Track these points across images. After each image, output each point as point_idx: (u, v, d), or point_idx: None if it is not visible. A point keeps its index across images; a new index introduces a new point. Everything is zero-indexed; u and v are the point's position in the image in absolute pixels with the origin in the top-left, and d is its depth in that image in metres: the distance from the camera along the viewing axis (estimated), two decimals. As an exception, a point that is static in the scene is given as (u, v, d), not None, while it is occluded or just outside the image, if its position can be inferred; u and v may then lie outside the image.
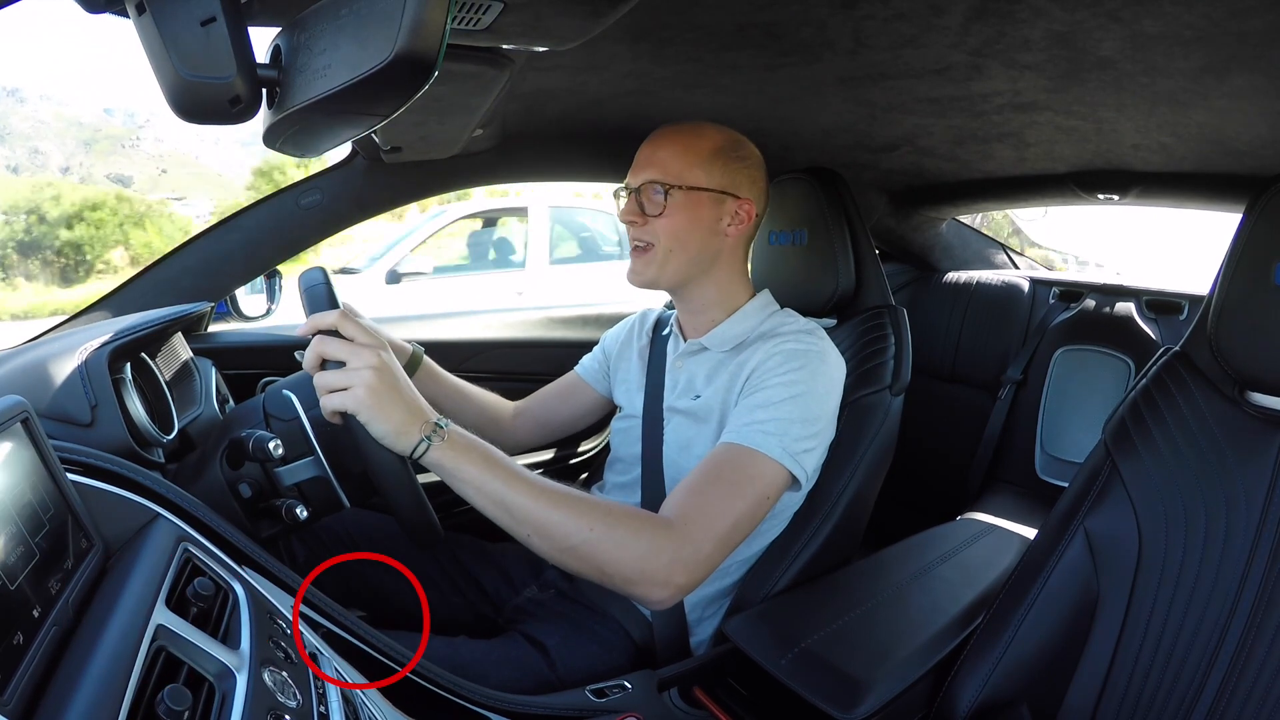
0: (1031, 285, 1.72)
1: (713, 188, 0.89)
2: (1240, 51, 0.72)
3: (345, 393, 0.64)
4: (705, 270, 0.94)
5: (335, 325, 0.67)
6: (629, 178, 0.93)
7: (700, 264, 0.93)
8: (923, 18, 0.74)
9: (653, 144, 0.91)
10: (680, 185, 0.88)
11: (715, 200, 0.90)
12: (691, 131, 0.91)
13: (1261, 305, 0.66)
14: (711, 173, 0.89)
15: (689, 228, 0.89)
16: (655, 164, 0.89)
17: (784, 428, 0.80)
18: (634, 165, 0.92)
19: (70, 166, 53.93)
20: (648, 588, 0.70)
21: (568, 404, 1.15)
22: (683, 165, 0.89)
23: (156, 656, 0.37)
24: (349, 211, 1.27)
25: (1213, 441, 0.71)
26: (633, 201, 0.91)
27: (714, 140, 0.91)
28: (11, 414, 0.40)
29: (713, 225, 0.91)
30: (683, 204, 0.88)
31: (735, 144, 0.92)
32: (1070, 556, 0.73)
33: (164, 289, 1.19)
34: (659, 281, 0.93)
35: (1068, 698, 0.72)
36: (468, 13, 0.63)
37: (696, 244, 0.91)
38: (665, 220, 0.89)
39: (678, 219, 0.89)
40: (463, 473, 0.67)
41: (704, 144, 0.90)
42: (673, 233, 0.89)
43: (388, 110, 0.44)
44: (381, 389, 0.64)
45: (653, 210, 0.89)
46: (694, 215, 0.89)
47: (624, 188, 0.93)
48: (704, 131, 0.91)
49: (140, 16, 0.41)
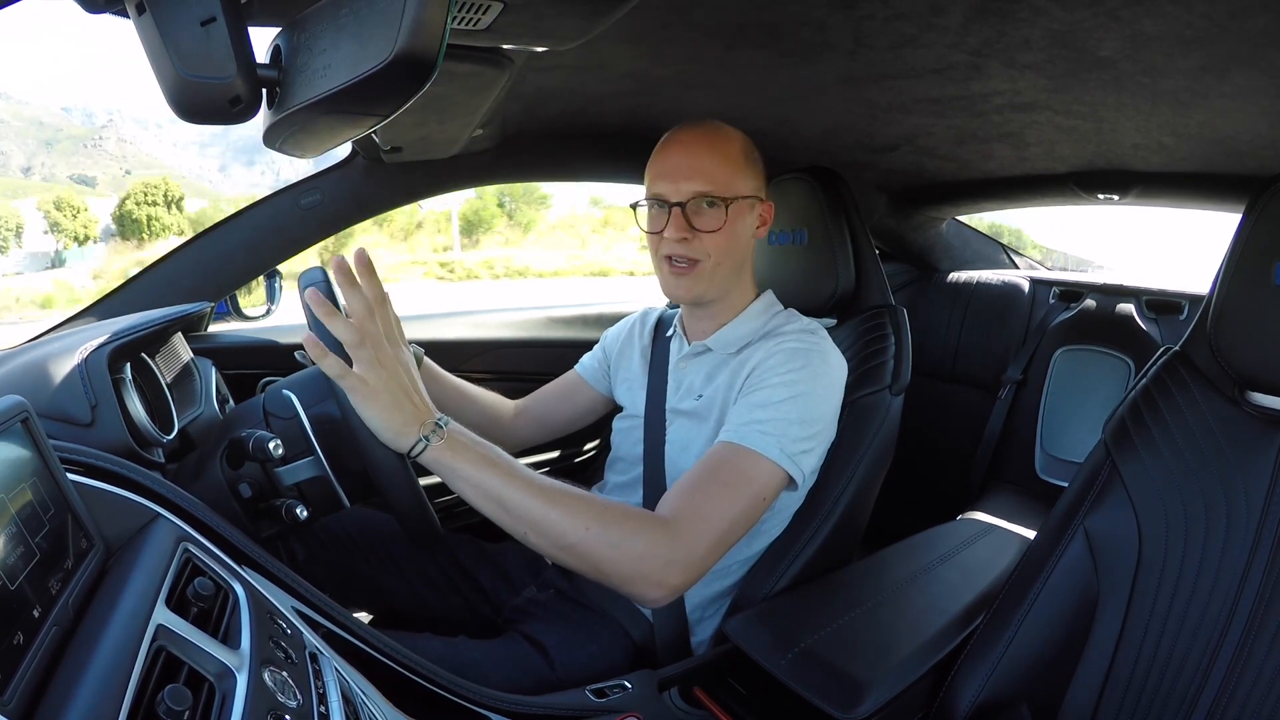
0: (1031, 285, 1.72)
1: (750, 194, 0.87)
2: (1240, 51, 0.72)
3: (347, 373, 0.65)
4: (739, 278, 0.92)
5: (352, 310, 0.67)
6: (664, 189, 0.85)
7: (736, 273, 0.91)
8: (923, 17, 0.74)
9: (690, 151, 0.85)
10: (733, 196, 0.84)
11: (751, 207, 0.88)
12: (719, 134, 0.86)
13: (1261, 305, 0.66)
14: (747, 178, 0.86)
15: (737, 240, 0.86)
16: (701, 174, 0.83)
17: (782, 428, 0.79)
18: (667, 174, 0.85)
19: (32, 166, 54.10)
20: (643, 587, 0.71)
21: (568, 403, 1.15)
22: (728, 174, 0.84)
23: (157, 656, 0.37)
24: (349, 211, 1.27)
25: (1213, 441, 0.70)
26: (680, 218, 0.83)
27: (738, 141, 0.87)
28: (11, 414, 0.40)
29: (751, 232, 0.89)
30: (734, 216, 0.84)
31: (750, 143, 0.89)
32: (1070, 556, 0.73)
33: (164, 289, 1.19)
34: (707, 294, 0.89)
35: (1068, 698, 0.72)
36: (468, 13, 0.63)
37: (739, 254, 0.89)
38: (720, 235, 0.84)
39: (730, 232, 0.85)
40: (460, 472, 0.68)
41: (734, 147, 0.86)
42: (724, 247, 0.85)
43: (388, 110, 0.44)
44: (381, 374, 0.65)
45: (708, 225, 0.84)
46: (742, 226, 0.86)
47: (657, 201, 0.86)
48: (728, 133, 0.87)
49: (140, 16, 0.41)
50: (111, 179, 49.02)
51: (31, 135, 51.43)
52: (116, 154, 51.89)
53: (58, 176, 48.49)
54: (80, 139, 53.59)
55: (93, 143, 53.04)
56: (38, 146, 51.39)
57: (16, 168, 48.09)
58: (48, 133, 52.96)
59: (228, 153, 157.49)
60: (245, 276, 1.26)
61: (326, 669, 0.48)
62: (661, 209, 0.86)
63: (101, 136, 53.56)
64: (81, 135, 54.67)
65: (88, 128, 56.65)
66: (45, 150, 51.34)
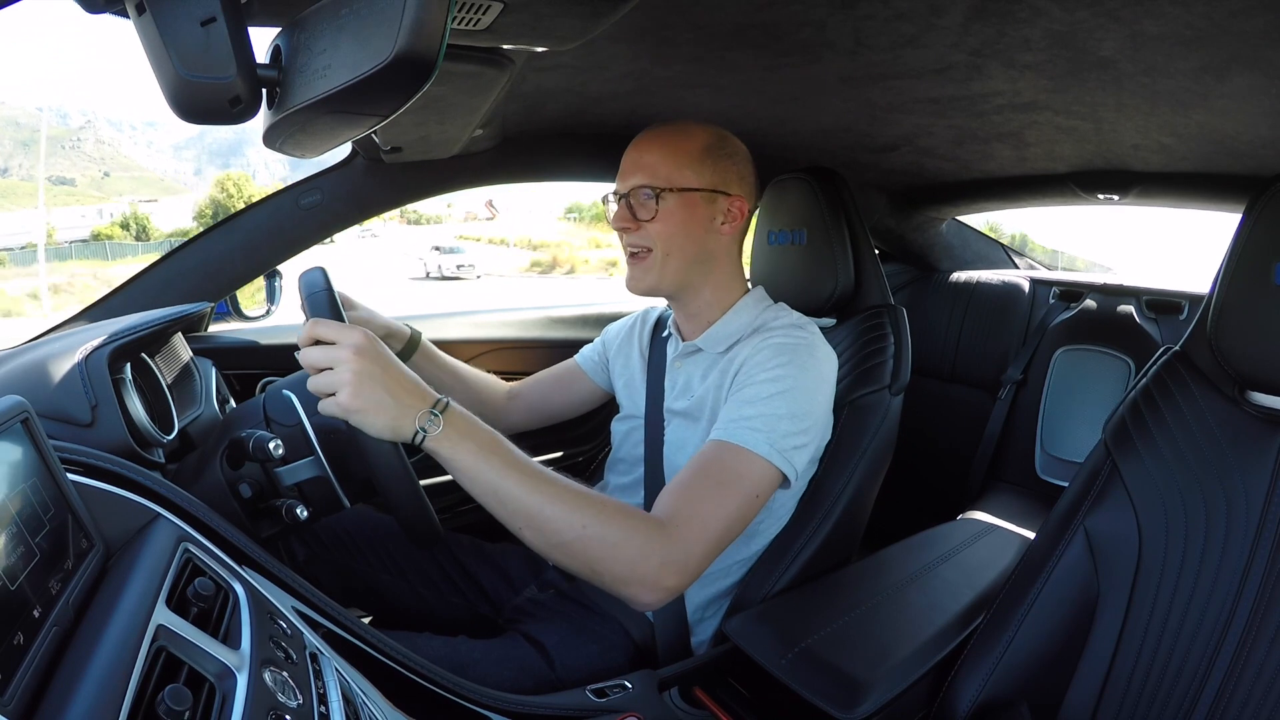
0: (1031, 285, 1.72)
1: (703, 187, 0.89)
2: (1240, 51, 0.72)
3: (332, 399, 0.65)
4: (704, 272, 0.93)
5: (312, 336, 0.66)
6: (618, 184, 0.92)
7: (698, 266, 0.92)
8: (923, 18, 0.74)
9: (638, 148, 0.91)
10: (671, 188, 0.87)
11: (707, 199, 0.90)
12: (678, 132, 0.90)
13: (1261, 305, 0.66)
14: (701, 172, 0.89)
15: (683, 229, 0.89)
16: (643, 168, 0.89)
17: (772, 424, 0.79)
18: (621, 171, 0.91)
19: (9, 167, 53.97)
20: (637, 589, 0.71)
21: (563, 392, 1.15)
22: (671, 167, 0.88)
23: (157, 656, 0.37)
24: (349, 211, 1.27)
25: (1213, 441, 0.70)
26: (623, 207, 0.90)
27: (700, 139, 0.90)
28: (11, 414, 0.40)
29: (707, 225, 0.90)
30: (675, 206, 0.88)
31: (722, 141, 0.91)
32: (1070, 556, 0.73)
33: (164, 289, 1.19)
34: (659, 287, 0.92)
35: (1068, 697, 0.72)
36: (468, 13, 0.63)
37: (694, 246, 0.90)
38: (658, 224, 0.88)
39: (671, 221, 0.88)
40: (458, 460, 0.68)
41: (691, 143, 0.89)
42: (667, 236, 0.89)
43: (388, 110, 0.44)
44: (365, 389, 0.64)
45: (644, 215, 0.88)
46: (687, 216, 0.89)
47: (613, 194, 0.92)
48: (690, 131, 0.90)
49: (140, 16, 0.41)
50: (90, 180, 48.86)
51: (8, 135, 51.23)
52: (95, 155, 51.88)
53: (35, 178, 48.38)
54: (58, 140, 53.49)
55: (71, 144, 53.01)
56: (14, 147, 51.19)
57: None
58: (25, 133, 52.76)
59: (203, 155, 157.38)
60: (245, 277, 1.26)
61: (327, 669, 0.48)
62: (615, 203, 0.92)
63: (79, 138, 53.54)
64: (58, 136, 54.60)
65: (64, 129, 56.59)
66: (23, 151, 51.15)
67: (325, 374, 0.65)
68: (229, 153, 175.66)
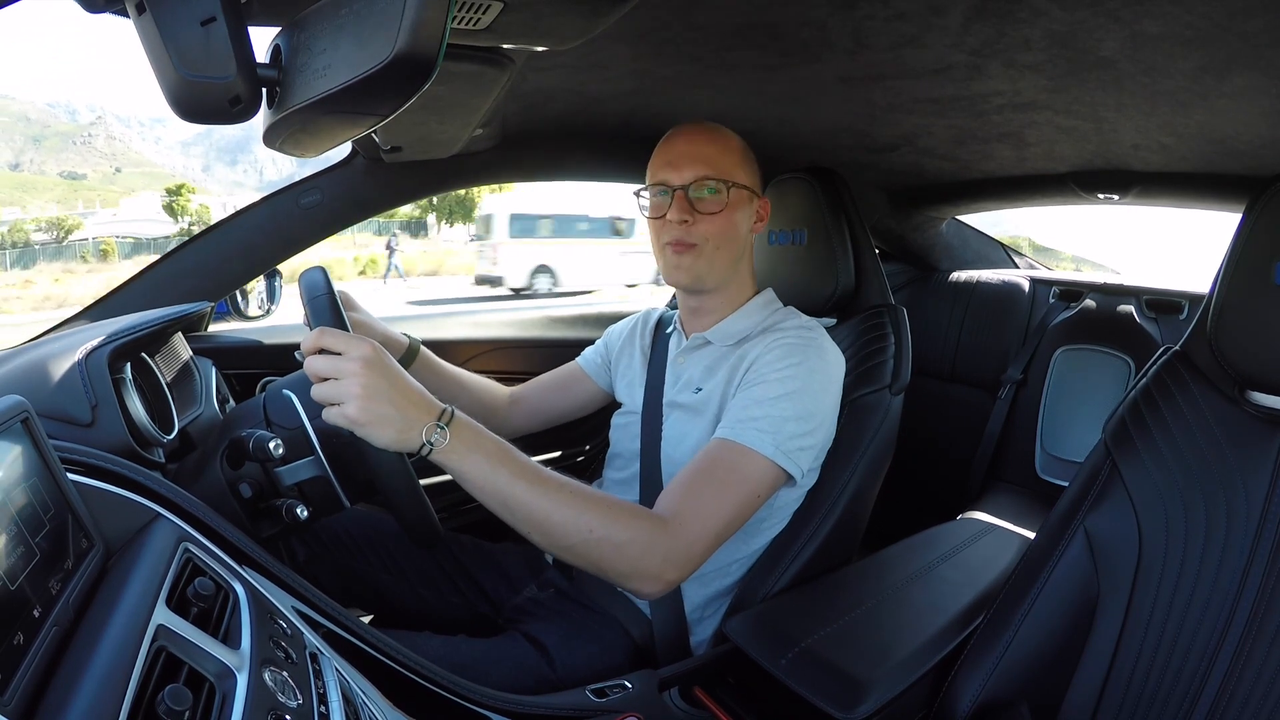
0: (1031, 285, 1.72)
1: (750, 186, 0.91)
2: (1240, 51, 0.72)
3: (338, 409, 0.64)
4: (736, 269, 0.94)
5: (317, 345, 0.65)
6: (668, 175, 0.88)
7: (736, 263, 0.93)
8: (923, 18, 0.74)
9: (691, 140, 0.89)
10: (733, 182, 0.88)
11: (750, 199, 0.91)
12: (719, 130, 0.91)
13: (1261, 305, 0.66)
14: (746, 171, 0.90)
15: (734, 227, 0.90)
16: (704, 160, 0.87)
17: (778, 425, 0.80)
18: (671, 161, 0.89)
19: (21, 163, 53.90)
20: (640, 582, 0.74)
21: (565, 395, 1.15)
22: (729, 162, 0.88)
23: (157, 656, 0.37)
24: (349, 211, 1.27)
25: (1213, 441, 0.70)
26: (682, 200, 0.87)
27: (736, 139, 0.92)
28: (11, 414, 0.40)
29: (748, 224, 0.92)
30: (734, 202, 0.88)
31: (746, 145, 0.94)
32: (1070, 556, 0.73)
33: (164, 289, 1.19)
34: (706, 278, 0.91)
35: (1068, 697, 0.72)
36: (468, 13, 0.63)
37: (738, 243, 0.91)
38: (719, 219, 0.87)
39: (729, 217, 0.88)
40: (466, 472, 0.68)
41: (734, 142, 0.91)
42: (722, 232, 0.88)
43: (388, 110, 0.44)
44: (372, 403, 0.63)
45: (708, 208, 0.87)
46: (740, 214, 0.90)
47: (660, 187, 0.90)
48: (727, 131, 0.92)
49: (140, 16, 0.41)
50: (102, 176, 48.81)
51: (19, 131, 51.31)
52: (106, 151, 51.92)
53: (48, 173, 48.28)
54: (68, 135, 53.53)
55: (82, 140, 53.02)
56: (26, 143, 51.26)
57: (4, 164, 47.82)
58: (35, 129, 52.85)
59: (211, 152, 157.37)
60: (245, 276, 1.26)
61: (327, 669, 0.48)
62: (664, 194, 0.90)
63: (91, 134, 53.55)
64: (69, 132, 54.61)
65: (74, 124, 56.58)
66: (34, 146, 51.20)
67: (331, 384, 0.64)
68: (236, 149, 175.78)
